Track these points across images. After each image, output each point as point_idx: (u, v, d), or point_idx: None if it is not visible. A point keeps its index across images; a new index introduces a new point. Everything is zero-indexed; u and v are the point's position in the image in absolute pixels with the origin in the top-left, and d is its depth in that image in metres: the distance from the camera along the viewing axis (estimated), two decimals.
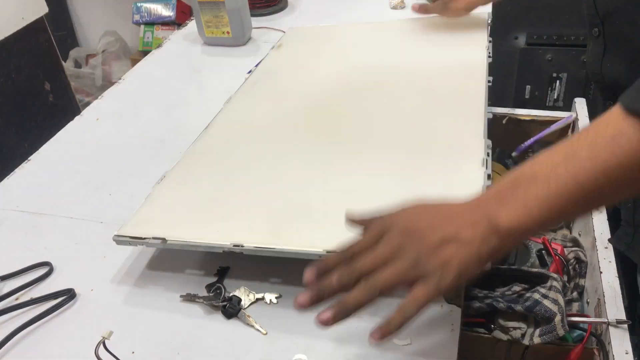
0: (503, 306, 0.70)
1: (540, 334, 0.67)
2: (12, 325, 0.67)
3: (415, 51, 1.06)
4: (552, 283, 0.71)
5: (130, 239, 0.70)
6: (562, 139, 1.01)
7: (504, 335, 0.70)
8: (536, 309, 0.68)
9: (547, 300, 0.69)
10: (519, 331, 0.69)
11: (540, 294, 0.70)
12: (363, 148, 0.81)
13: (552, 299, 0.69)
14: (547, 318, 0.67)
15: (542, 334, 0.67)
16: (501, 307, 0.70)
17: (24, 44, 1.65)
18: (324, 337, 0.63)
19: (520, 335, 0.69)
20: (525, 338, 0.69)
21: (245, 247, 0.65)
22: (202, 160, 0.84)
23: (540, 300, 0.68)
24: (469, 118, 0.81)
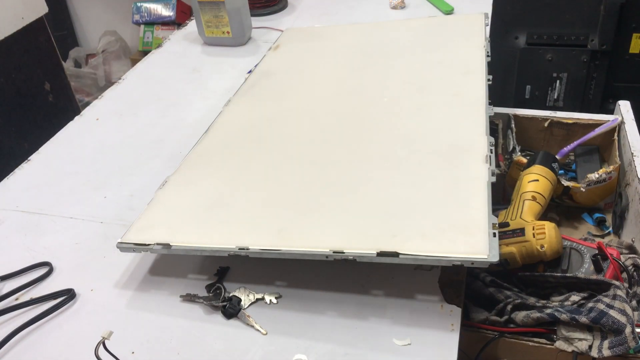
0: (566, 317, 0.67)
1: (610, 346, 0.64)
2: (12, 325, 0.67)
3: (414, 51, 1.06)
4: (616, 291, 0.68)
5: (135, 246, 0.70)
6: (605, 143, 0.99)
7: (568, 347, 0.67)
8: (603, 320, 0.64)
9: (613, 310, 0.65)
10: (585, 343, 0.66)
11: (604, 304, 0.66)
12: (365, 148, 0.81)
13: (619, 309, 0.65)
14: (615, 330, 0.64)
15: (612, 346, 0.64)
16: (564, 317, 0.67)
17: (24, 44, 1.65)
18: (324, 337, 0.63)
19: (587, 347, 0.66)
20: (593, 350, 0.65)
21: (250, 250, 0.65)
22: (203, 164, 0.84)
23: (607, 311, 0.65)
24: (470, 116, 0.81)
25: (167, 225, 0.72)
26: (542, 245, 0.76)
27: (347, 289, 0.68)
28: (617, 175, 0.94)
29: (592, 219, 0.98)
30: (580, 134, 1.02)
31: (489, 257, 0.57)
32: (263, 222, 0.70)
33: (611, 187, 0.96)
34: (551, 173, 0.90)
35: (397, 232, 0.63)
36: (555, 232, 0.78)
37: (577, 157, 1.03)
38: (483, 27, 1.08)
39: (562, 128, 1.05)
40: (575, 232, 0.97)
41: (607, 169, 0.93)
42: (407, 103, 0.89)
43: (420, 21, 1.17)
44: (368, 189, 0.72)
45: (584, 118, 1.04)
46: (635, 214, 0.85)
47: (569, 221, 0.99)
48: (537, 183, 0.88)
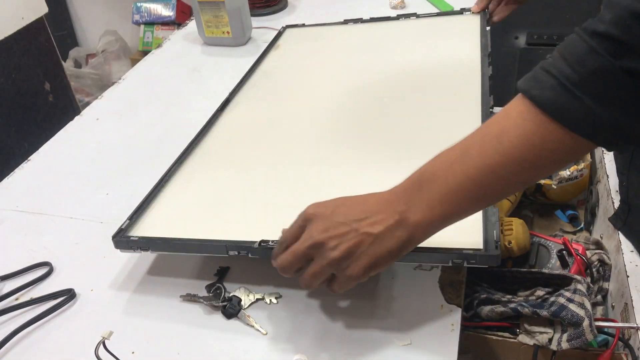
0: (528, 311, 0.69)
1: (568, 339, 0.66)
2: (12, 325, 0.67)
3: (414, 50, 1.06)
4: (576, 286, 0.70)
5: (132, 241, 0.70)
6: None
7: (530, 340, 0.69)
8: (562, 313, 0.66)
9: (573, 304, 0.67)
10: (545, 336, 0.68)
11: (565, 298, 0.68)
12: (365, 147, 0.81)
13: (578, 303, 0.67)
14: (574, 323, 0.66)
15: (571, 339, 0.66)
16: (526, 312, 0.69)
17: (24, 44, 1.65)
18: (323, 337, 0.63)
19: (547, 340, 0.68)
20: (553, 343, 0.67)
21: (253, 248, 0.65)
22: (204, 165, 0.84)
23: (566, 305, 0.67)
24: (470, 115, 0.81)
25: (168, 226, 0.72)
26: (510, 241, 0.78)
27: (348, 289, 0.68)
28: (588, 172, 0.96)
29: (565, 216, 1.00)
30: None
31: (488, 252, 0.57)
32: (264, 222, 0.70)
33: (583, 184, 0.97)
34: None
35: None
36: (522, 229, 0.80)
37: None
38: (482, 24, 1.08)
39: None
40: (549, 229, 0.99)
41: (578, 167, 0.94)
42: (406, 102, 0.89)
43: (421, 20, 1.17)
44: (367, 189, 0.72)
45: None
46: (605, 211, 0.87)
47: (543, 218, 1.01)
48: None
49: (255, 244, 0.64)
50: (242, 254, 0.65)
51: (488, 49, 0.97)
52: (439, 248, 0.59)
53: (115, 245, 0.71)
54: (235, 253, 0.65)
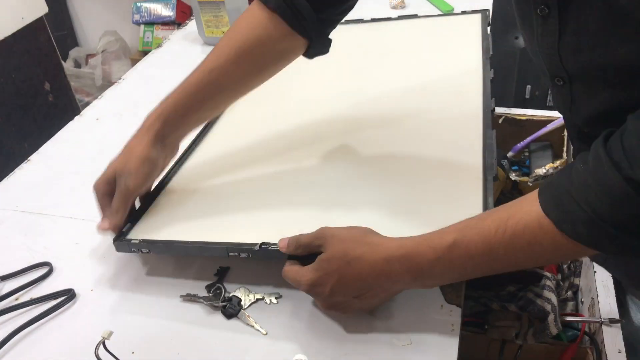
0: (497, 306, 0.70)
1: (533, 333, 0.67)
2: (12, 325, 0.67)
3: (415, 51, 1.06)
4: (545, 282, 0.71)
5: (133, 243, 0.70)
6: (558, 139, 1.01)
7: (497, 335, 0.70)
8: (529, 308, 0.68)
9: (540, 299, 0.69)
10: (512, 330, 0.70)
11: (533, 293, 0.70)
12: (364, 148, 0.81)
13: (545, 298, 0.69)
14: (540, 317, 0.67)
15: (536, 333, 0.67)
16: (495, 306, 0.70)
17: (24, 44, 1.65)
18: (324, 337, 0.63)
19: (514, 334, 0.69)
20: (519, 337, 0.68)
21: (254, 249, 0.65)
22: (204, 167, 0.84)
23: (534, 299, 0.68)
24: (470, 115, 0.81)
25: (167, 227, 0.72)
26: None
27: None
28: None
29: None
30: (533, 130, 1.04)
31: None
32: (264, 223, 0.69)
33: None
34: (500, 170, 0.93)
35: (397, 231, 0.63)
36: None
37: (531, 153, 1.05)
38: (483, 25, 1.08)
39: (515, 125, 1.07)
40: None
41: (554, 164, 0.95)
42: (407, 103, 0.89)
43: (422, 20, 1.17)
44: (367, 189, 0.72)
45: (536, 115, 1.06)
46: None
47: None
48: None
49: (256, 246, 0.64)
50: (243, 256, 0.65)
51: (489, 52, 0.96)
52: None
53: (117, 249, 0.71)
54: (236, 255, 0.65)
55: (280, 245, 0.63)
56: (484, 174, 0.68)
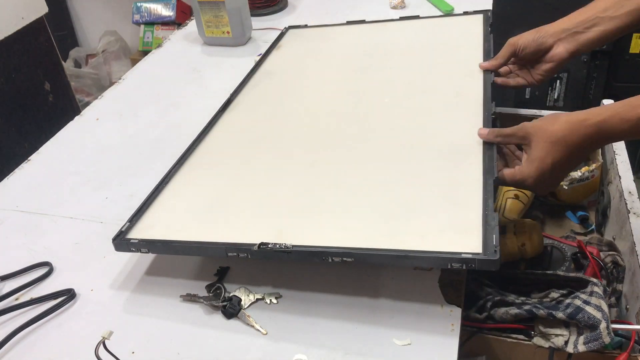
0: (543, 313, 0.68)
1: (585, 342, 0.65)
2: (12, 325, 0.67)
3: (417, 51, 1.06)
4: (593, 288, 0.69)
5: (132, 242, 0.70)
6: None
7: (545, 342, 0.68)
8: (579, 316, 0.65)
9: (589, 306, 0.66)
10: (561, 338, 0.67)
11: (581, 300, 0.67)
12: (365, 149, 0.80)
13: (595, 305, 0.66)
14: (591, 325, 0.65)
15: (587, 341, 0.65)
16: (541, 313, 0.68)
17: (24, 44, 1.65)
18: (324, 338, 0.63)
19: (563, 342, 0.67)
20: (569, 346, 0.66)
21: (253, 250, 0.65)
22: (204, 167, 0.84)
23: (583, 307, 0.66)
24: (471, 117, 0.80)
25: (167, 226, 0.73)
26: (523, 243, 0.78)
27: (348, 290, 0.68)
28: (599, 173, 0.95)
29: (575, 217, 0.99)
30: None
31: (487, 255, 0.57)
32: (263, 223, 0.70)
33: (594, 185, 0.96)
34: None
35: (397, 233, 0.63)
36: (536, 231, 0.79)
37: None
38: (485, 26, 1.08)
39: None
40: (559, 229, 0.98)
41: (590, 168, 0.94)
42: (408, 104, 0.89)
43: (423, 21, 1.17)
44: (367, 190, 0.72)
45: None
46: (616, 212, 0.86)
47: (553, 219, 1.00)
48: None
49: (255, 247, 0.64)
50: (242, 256, 0.65)
51: (491, 54, 0.96)
52: (437, 252, 0.59)
53: (116, 248, 0.71)
54: (235, 255, 0.65)
55: (480, 132, 0.73)
56: (484, 176, 0.68)
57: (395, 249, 0.60)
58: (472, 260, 0.57)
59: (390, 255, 0.60)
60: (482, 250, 0.58)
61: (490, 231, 0.60)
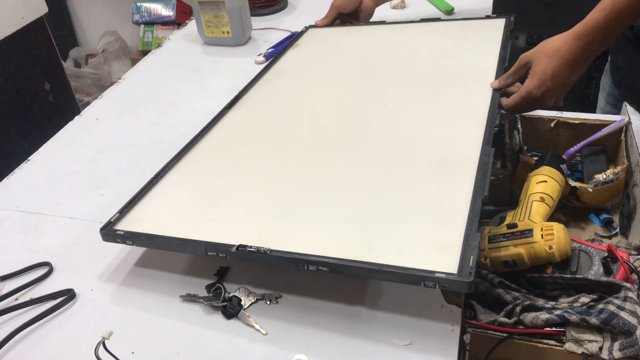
0: (576, 318, 0.66)
1: (620, 348, 0.64)
2: (12, 325, 0.67)
3: (430, 56, 1.04)
4: (627, 293, 0.68)
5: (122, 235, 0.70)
6: (611, 144, 1.00)
7: (578, 348, 0.67)
8: (614, 321, 0.64)
9: (624, 312, 0.65)
10: (595, 344, 0.66)
11: (615, 306, 0.66)
12: (361, 155, 0.79)
13: (629, 311, 0.65)
14: (626, 331, 0.64)
15: (623, 347, 0.63)
16: (574, 319, 0.66)
17: (24, 44, 1.65)
18: (324, 337, 0.63)
19: (597, 348, 0.65)
20: (603, 352, 0.65)
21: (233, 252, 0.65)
22: (200, 164, 0.84)
23: (617, 313, 0.65)
24: (472, 128, 0.79)
25: (156, 221, 0.73)
26: (551, 246, 0.76)
27: (348, 289, 0.68)
28: (624, 176, 0.94)
29: (599, 220, 0.98)
30: (587, 134, 1.01)
31: (461, 277, 0.56)
32: (245, 225, 0.69)
33: (618, 188, 0.95)
34: (559, 174, 0.89)
35: (375, 245, 0.63)
36: (564, 234, 0.77)
37: (583, 157, 1.03)
38: (505, 31, 1.05)
39: (568, 128, 1.05)
40: (582, 232, 0.97)
41: (615, 170, 0.93)
42: (412, 111, 0.88)
43: (444, 24, 1.16)
44: (354, 199, 0.71)
45: (590, 119, 1.03)
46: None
47: (576, 222, 0.99)
48: (545, 184, 0.88)
49: (233, 248, 0.64)
50: (221, 256, 0.65)
51: (506, 62, 0.94)
52: (411, 268, 0.58)
53: (103, 238, 0.71)
54: (214, 254, 0.65)
55: (492, 85, 0.86)
56: (473, 194, 0.67)
57: (368, 262, 0.59)
58: (446, 280, 0.56)
59: (363, 268, 0.59)
60: (457, 270, 0.57)
61: (469, 251, 0.58)
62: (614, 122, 1.00)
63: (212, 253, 0.66)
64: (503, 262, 0.78)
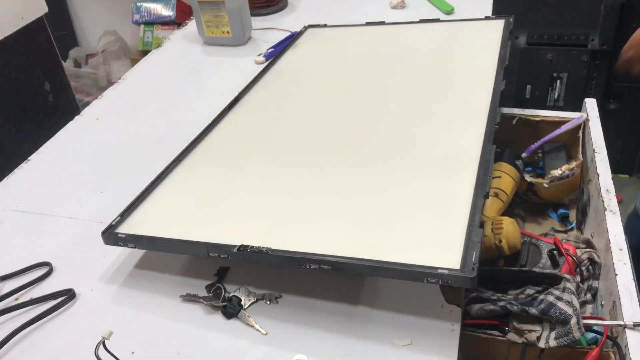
0: (517, 309, 0.69)
1: (556, 337, 0.66)
2: (12, 325, 0.67)
3: (430, 56, 1.04)
4: (565, 284, 0.70)
5: (120, 237, 0.70)
6: (572, 140, 1.02)
7: (518, 338, 0.69)
8: (551, 311, 0.66)
9: (561, 302, 0.67)
10: (534, 334, 0.68)
11: (554, 296, 0.68)
12: (362, 154, 0.79)
13: (566, 301, 0.67)
14: (562, 320, 0.66)
15: (558, 336, 0.66)
16: (515, 309, 0.69)
17: (24, 44, 1.65)
18: (324, 337, 0.63)
19: (535, 338, 0.67)
20: (541, 341, 0.67)
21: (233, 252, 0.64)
22: (201, 165, 0.84)
23: (555, 303, 0.67)
24: (472, 128, 0.79)
25: (157, 223, 0.73)
26: (500, 240, 0.79)
27: (348, 290, 0.68)
28: (580, 171, 0.96)
29: (556, 215, 1.00)
30: (548, 131, 1.03)
31: (464, 273, 0.56)
32: (246, 225, 0.69)
33: (575, 183, 0.97)
34: (515, 171, 0.92)
35: (377, 243, 0.63)
36: (513, 227, 0.80)
37: (544, 154, 1.04)
38: (505, 32, 1.05)
39: (529, 125, 1.06)
40: (540, 227, 0.99)
41: (570, 166, 0.95)
42: (413, 110, 0.88)
43: (443, 25, 1.16)
44: (356, 197, 0.71)
45: (550, 116, 1.05)
46: (595, 210, 0.87)
47: (534, 217, 1.01)
48: (500, 180, 0.91)
49: (234, 249, 0.64)
50: (222, 257, 0.65)
51: (505, 62, 0.94)
52: (414, 265, 0.58)
53: (104, 241, 0.71)
54: (216, 255, 0.65)
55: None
56: (475, 190, 0.67)
57: (371, 260, 0.59)
58: (448, 276, 0.56)
59: (366, 265, 0.59)
60: (460, 266, 0.57)
61: (471, 247, 0.59)
62: (573, 119, 1.02)
63: (213, 254, 0.66)
64: None
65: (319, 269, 0.61)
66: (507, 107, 1.06)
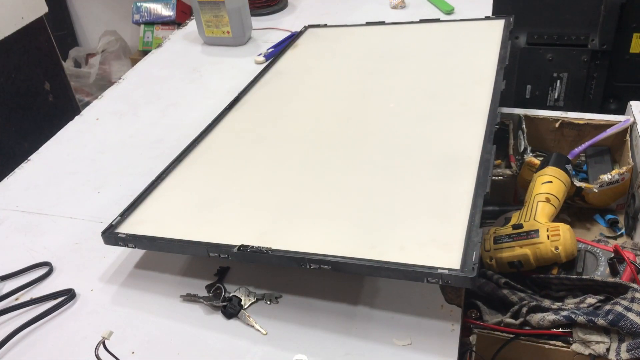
0: (583, 319, 0.66)
1: (628, 349, 0.63)
2: (12, 325, 0.67)
3: (430, 56, 1.04)
4: (634, 294, 0.67)
5: (119, 237, 0.70)
6: (616, 144, 1.00)
7: (585, 349, 0.67)
8: (621, 322, 0.64)
9: (631, 313, 0.65)
10: (602, 345, 0.66)
11: (622, 307, 0.66)
12: (362, 154, 0.79)
13: (637, 312, 0.65)
14: (634, 332, 0.64)
15: (631, 348, 0.63)
16: (581, 320, 0.66)
17: (24, 44, 1.65)
18: (324, 337, 0.63)
19: (604, 350, 0.65)
20: (611, 353, 0.65)
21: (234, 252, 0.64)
22: (201, 165, 0.84)
23: (625, 314, 0.65)
24: (473, 127, 0.79)
25: (157, 223, 0.73)
26: (557, 247, 0.76)
27: (348, 289, 0.68)
28: (629, 176, 0.94)
29: (604, 220, 0.98)
30: (592, 134, 1.01)
31: (464, 273, 0.56)
32: (246, 225, 0.69)
33: (624, 188, 0.95)
34: (565, 175, 0.89)
35: (377, 243, 0.63)
36: (570, 234, 0.77)
37: (588, 158, 1.03)
38: (505, 32, 1.05)
39: (573, 129, 1.04)
40: (587, 233, 0.96)
41: (620, 170, 0.92)
42: (412, 110, 0.88)
43: (443, 25, 1.16)
44: (356, 197, 0.71)
45: (595, 119, 1.03)
46: None
47: (581, 222, 0.98)
48: (550, 185, 0.87)
49: (235, 248, 0.64)
50: (223, 257, 0.65)
51: (505, 62, 0.94)
52: (413, 265, 0.58)
53: (104, 241, 0.71)
54: (216, 255, 0.65)
55: None
56: (475, 190, 0.67)
57: (371, 260, 0.59)
58: (449, 276, 0.56)
59: (366, 265, 0.59)
60: (460, 266, 0.57)
61: (471, 247, 0.59)
62: (619, 122, 1.00)
63: (213, 254, 0.66)
64: (509, 263, 0.77)
65: (319, 269, 0.61)
66: (507, 107, 1.06)
